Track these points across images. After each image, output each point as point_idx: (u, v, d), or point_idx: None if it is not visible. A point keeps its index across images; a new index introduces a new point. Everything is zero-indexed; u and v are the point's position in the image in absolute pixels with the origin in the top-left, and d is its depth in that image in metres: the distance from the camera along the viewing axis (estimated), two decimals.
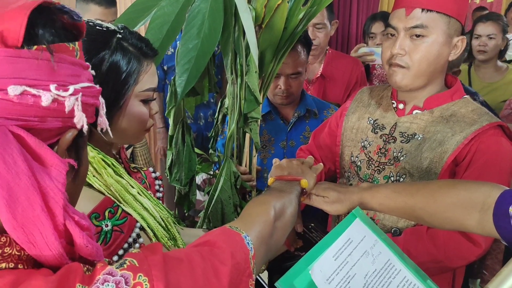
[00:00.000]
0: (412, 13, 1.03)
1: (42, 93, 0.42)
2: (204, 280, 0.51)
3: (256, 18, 1.05)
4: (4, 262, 0.42)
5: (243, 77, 1.08)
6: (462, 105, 1.09)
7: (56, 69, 0.43)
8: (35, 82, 0.41)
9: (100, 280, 0.43)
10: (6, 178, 0.39)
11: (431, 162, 1.06)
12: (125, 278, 0.44)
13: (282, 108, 1.64)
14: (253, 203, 0.79)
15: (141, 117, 0.81)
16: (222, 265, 0.54)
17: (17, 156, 0.40)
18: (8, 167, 0.39)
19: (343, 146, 1.27)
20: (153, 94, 0.81)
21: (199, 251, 0.55)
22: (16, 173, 0.40)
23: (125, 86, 0.76)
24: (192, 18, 0.97)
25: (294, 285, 0.75)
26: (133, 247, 0.78)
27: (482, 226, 0.75)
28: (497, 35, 2.11)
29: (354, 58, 2.24)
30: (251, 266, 0.59)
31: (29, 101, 0.41)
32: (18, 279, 0.40)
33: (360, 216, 0.89)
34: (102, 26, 0.76)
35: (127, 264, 0.46)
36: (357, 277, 0.79)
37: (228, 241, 0.59)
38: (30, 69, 0.41)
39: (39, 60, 0.42)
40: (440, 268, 1.06)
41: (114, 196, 0.76)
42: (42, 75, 0.42)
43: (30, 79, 0.41)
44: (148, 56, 0.80)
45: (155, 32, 0.99)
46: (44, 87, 0.42)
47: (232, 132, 1.18)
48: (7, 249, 0.42)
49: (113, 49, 0.75)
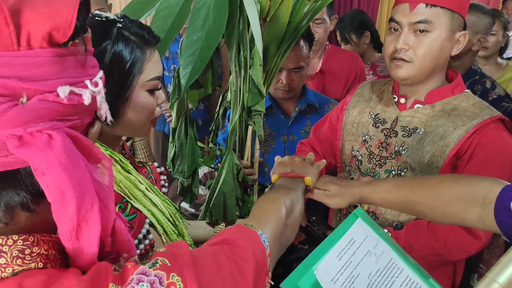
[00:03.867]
0: (416, 8, 1.03)
1: (83, 92, 0.41)
2: (231, 280, 0.51)
3: (261, 11, 1.05)
4: (34, 262, 0.42)
5: (247, 70, 1.08)
6: (463, 99, 1.10)
7: (87, 63, 0.42)
8: (75, 80, 0.41)
9: (135, 280, 0.43)
10: (76, 177, 0.39)
11: (432, 156, 1.07)
12: (159, 278, 0.44)
13: (283, 102, 1.65)
14: (263, 200, 0.79)
15: (148, 108, 0.78)
16: (245, 264, 0.54)
17: (80, 159, 0.40)
18: (75, 167, 0.39)
19: (343, 140, 1.28)
20: (158, 83, 0.79)
21: (221, 250, 0.55)
22: (82, 172, 0.40)
23: (130, 76, 0.74)
24: (197, 10, 0.97)
25: (299, 286, 0.75)
26: (143, 243, 0.77)
27: (483, 221, 0.76)
28: (498, 31, 2.12)
29: (353, 53, 2.24)
30: (268, 264, 0.60)
31: (74, 101, 0.40)
32: (49, 278, 0.40)
33: (362, 216, 0.89)
34: (101, 16, 0.74)
35: (159, 264, 0.45)
36: (361, 276, 0.80)
37: (247, 240, 0.59)
38: (71, 67, 0.40)
39: (75, 56, 0.41)
40: (441, 261, 1.07)
41: (123, 192, 0.75)
42: (79, 72, 0.41)
43: (71, 78, 0.40)
44: (150, 44, 0.77)
45: (160, 23, 0.98)
46: (82, 85, 0.41)
47: (234, 125, 1.18)
48: (36, 249, 0.42)
49: (114, 39, 0.72)
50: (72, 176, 0.39)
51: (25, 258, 0.41)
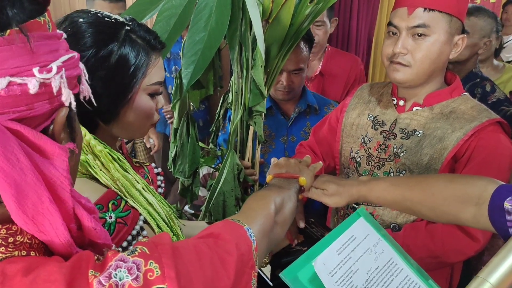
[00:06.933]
0: (414, 13, 1.04)
1: (27, 80, 0.39)
2: (211, 270, 0.52)
3: (264, 12, 1.07)
4: (17, 250, 0.43)
5: (249, 70, 1.09)
6: (461, 102, 1.11)
7: (35, 50, 0.40)
8: (18, 70, 0.39)
9: (113, 266, 0.43)
10: (12, 176, 0.39)
11: (431, 158, 1.08)
12: (136, 264, 0.45)
13: (283, 103, 1.66)
14: (253, 197, 0.81)
15: (148, 111, 0.80)
16: (228, 255, 0.55)
17: (18, 152, 0.39)
18: (12, 165, 0.38)
19: (342, 142, 1.29)
20: (160, 88, 0.81)
21: (205, 242, 0.56)
22: (20, 169, 0.39)
23: (134, 79, 0.75)
24: (200, 11, 0.99)
25: (298, 276, 0.77)
26: (137, 240, 0.78)
27: (477, 220, 0.77)
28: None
29: (353, 55, 2.25)
30: (254, 258, 0.61)
31: (16, 92, 0.39)
32: (30, 265, 0.41)
33: (365, 215, 0.90)
34: (111, 18, 0.75)
35: (138, 252, 0.46)
36: (359, 272, 0.81)
37: (232, 233, 0.60)
38: (10, 57, 0.38)
39: (16, 45, 0.39)
40: (439, 263, 1.08)
41: (120, 190, 0.76)
42: (23, 61, 0.39)
43: (11, 68, 0.39)
44: (156, 49, 0.78)
45: (162, 24, 0.99)
46: (27, 73, 0.40)
47: (236, 126, 1.19)
48: (19, 238, 0.43)
49: (121, 41, 0.73)
50: (8, 175, 0.38)
51: (8, 246, 0.42)
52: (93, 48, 0.71)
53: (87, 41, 0.71)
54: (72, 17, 0.74)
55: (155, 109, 0.82)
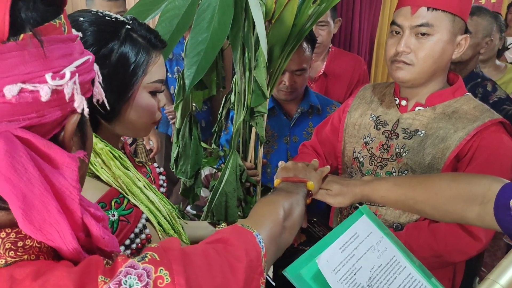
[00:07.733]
0: (417, 12, 1.04)
1: (39, 87, 0.38)
2: (221, 276, 0.52)
3: (266, 13, 1.07)
4: (26, 254, 0.42)
5: (252, 71, 1.10)
6: (464, 102, 1.11)
7: (48, 55, 0.39)
8: (30, 76, 0.37)
9: (123, 273, 0.43)
10: (19, 187, 0.38)
11: (433, 158, 1.08)
12: (147, 271, 0.44)
13: (285, 104, 1.66)
14: (262, 202, 0.81)
15: (149, 109, 0.80)
16: (237, 262, 0.55)
17: (26, 162, 0.38)
18: (20, 175, 0.38)
19: (345, 142, 1.29)
20: (161, 86, 0.81)
21: (214, 247, 0.55)
22: (28, 180, 0.38)
23: (134, 77, 0.76)
24: (202, 11, 0.99)
25: (301, 273, 0.77)
26: (139, 238, 0.78)
27: (482, 219, 0.77)
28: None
29: (356, 56, 2.25)
30: (263, 265, 0.60)
31: (27, 99, 0.37)
32: (39, 269, 0.41)
33: (367, 213, 0.90)
34: (111, 17, 0.76)
35: (148, 258, 0.46)
36: (362, 270, 0.81)
37: (241, 239, 0.60)
38: (22, 63, 0.37)
39: (29, 50, 0.37)
40: (441, 263, 1.08)
41: (121, 188, 0.76)
42: (35, 66, 0.38)
43: (23, 74, 0.37)
44: (157, 48, 0.79)
45: (165, 25, 0.99)
46: (39, 79, 0.38)
47: (238, 126, 1.19)
48: (28, 242, 0.43)
49: (122, 40, 0.74)
50: (15, 186, 0.37)
51: (18, 250, 0.42)
52: (94, 46, 0.72)
53: (88, 40, 0.72)
54: (73, 16, 0.75)
55: (157, 107, 0.83)
